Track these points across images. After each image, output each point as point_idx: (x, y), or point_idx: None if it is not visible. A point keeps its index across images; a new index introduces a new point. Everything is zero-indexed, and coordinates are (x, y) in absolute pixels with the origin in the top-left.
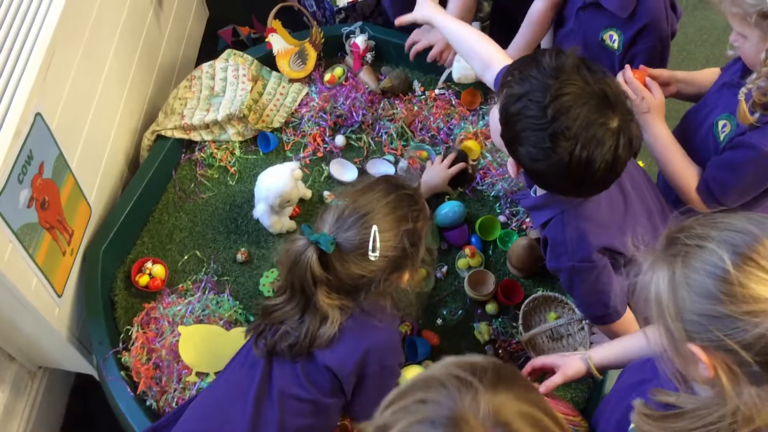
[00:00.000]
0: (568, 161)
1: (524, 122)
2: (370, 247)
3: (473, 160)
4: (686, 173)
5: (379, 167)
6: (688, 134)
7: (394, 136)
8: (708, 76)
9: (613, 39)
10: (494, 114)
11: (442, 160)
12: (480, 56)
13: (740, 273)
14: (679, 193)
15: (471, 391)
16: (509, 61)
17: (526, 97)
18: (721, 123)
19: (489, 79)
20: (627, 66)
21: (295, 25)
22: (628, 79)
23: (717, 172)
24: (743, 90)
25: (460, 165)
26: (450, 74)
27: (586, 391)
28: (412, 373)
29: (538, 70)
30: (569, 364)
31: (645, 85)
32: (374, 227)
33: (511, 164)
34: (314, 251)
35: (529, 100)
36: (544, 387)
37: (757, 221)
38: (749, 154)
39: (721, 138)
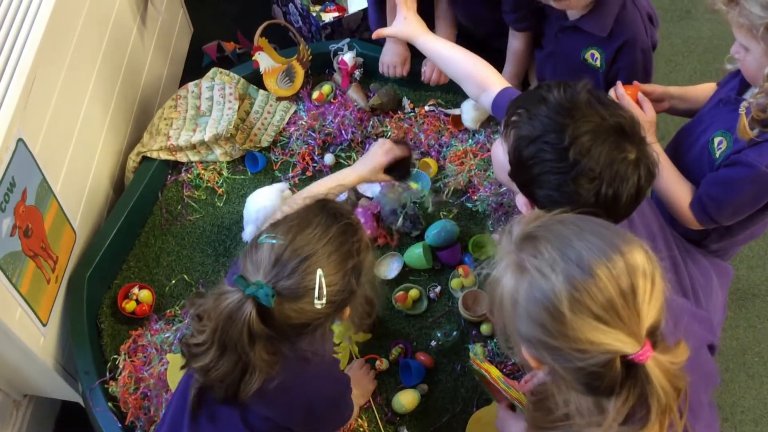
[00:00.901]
0: (594, 202)
1: (542, 166)
2: (316, 294)
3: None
4: (679, 190)
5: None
6: (681, 150)
7: None
8: (703, 91)
9: (594, 58)
10: (498, 150)
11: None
12: (474, 80)
13: (574, 317)
14: (671, 211)
15: None
16: (505, 83)
17: (540, 139)
18: (717, 140)
19: (485, 102)
20: (619, 83)
21: (281, 40)
22: (620, 95)
23: (712, 188)
24: (744, 104)
25: (397, 153)
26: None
27: None
28: (407, 397)
29: (548, 108)
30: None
31: (637, 101)
32: (319, 272)
33: (523, 203)
34: (252, 306)
35: (545, 143)
36: None
37: (604, 242)
38: (745, 172)
39: (717, 155)
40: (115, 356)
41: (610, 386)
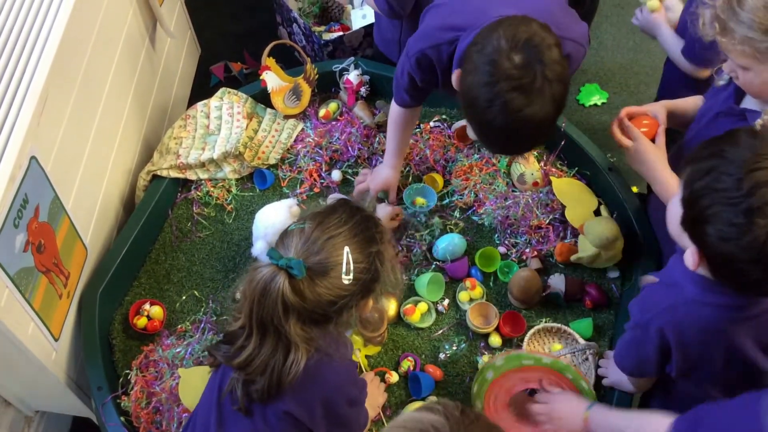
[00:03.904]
0: (764, 242)
1: (714, 196)
2: (344, 269)
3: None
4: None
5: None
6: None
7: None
8: (692, 103)
9: None
10: (674, 202)
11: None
12: None
13: None
14: None
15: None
16: None
17: (716, 170)
18: None
19: None
20: (625, 110)
21: (287, 60)
22: (627, 127)
23: None
24: (759, 122)
25: (397, 217)
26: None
27: None
28: None
29: (731, 146)
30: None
31: (655, 134)
32: (346, 248)
33: (691, 253)
34: (285, 277)
35: (720, 173)
36: None
37: None
38: None
39: None
40: (127, 371)
41: None
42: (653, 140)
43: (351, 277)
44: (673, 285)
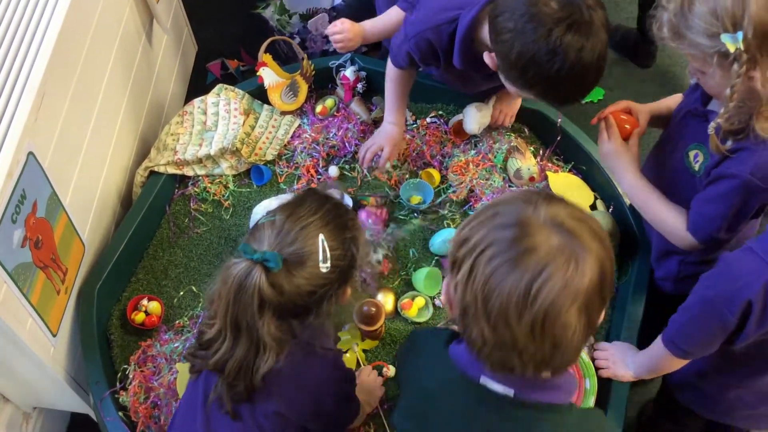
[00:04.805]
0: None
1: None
2: (320, 257)
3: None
4: (670, 216)
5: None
6: (660, 162)
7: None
8: (674, 101)
9: (697, 159)
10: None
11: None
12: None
13: None
14: (668, 238)
15: (532, 204)
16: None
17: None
18: (692, 153)
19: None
20: (611, 108)
21: (283, 57)
22: (608, 125)
23: (704, 207)
24: (712, 125)
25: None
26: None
27: None
28: None
29: None
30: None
31: (630, 134)
32: (321, 236)
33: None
34: (261, 271)
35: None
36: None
37: None
38: (733, 183)
39: (696, 168)
40: (125, 366)
41: None
42: (626, 139)
43: (328, 264)
44: None
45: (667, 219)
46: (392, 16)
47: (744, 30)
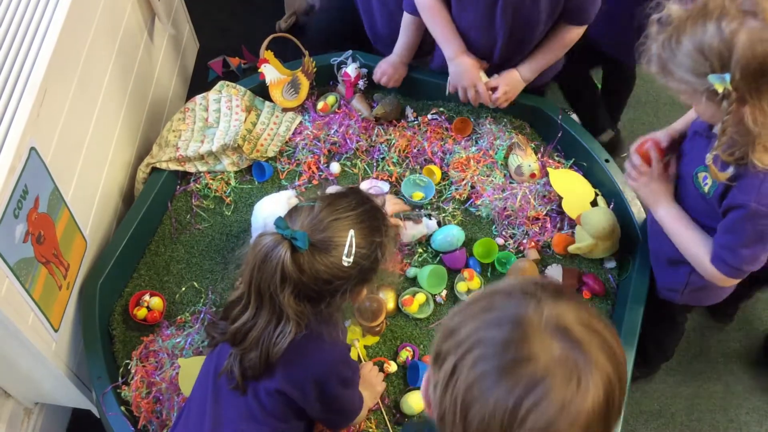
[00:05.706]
0: None
1: None
2: (345, 251)
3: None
4: (698, 250)
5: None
6: (677, 182)
7: (393, 160)
8: (691, 118)
9: (705, 182)
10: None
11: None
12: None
13: None
14: (695, 267)
15: (534, 299)
16: None
17: None
18: (701, 175)
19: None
20: (638, 144)
21: (284, 54)
22: (636, 164)
23: (722, 238)
24: (709, 156)
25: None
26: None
27: None
28: (415, 398)
29: None
30: None
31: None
32: (351, 231)
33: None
34: (287, 247)
35: None
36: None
37: None
38: (741, 213)
39: (706, 190)
40: (127, 361)
41: None
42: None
43: (351, 259)
44: None
45: (696, 252)
46: (408, 24)
47: (732, 71)
